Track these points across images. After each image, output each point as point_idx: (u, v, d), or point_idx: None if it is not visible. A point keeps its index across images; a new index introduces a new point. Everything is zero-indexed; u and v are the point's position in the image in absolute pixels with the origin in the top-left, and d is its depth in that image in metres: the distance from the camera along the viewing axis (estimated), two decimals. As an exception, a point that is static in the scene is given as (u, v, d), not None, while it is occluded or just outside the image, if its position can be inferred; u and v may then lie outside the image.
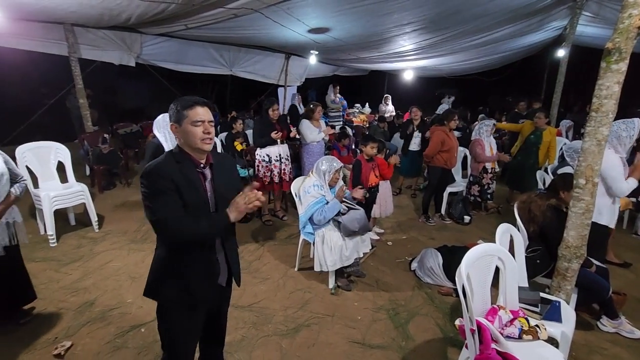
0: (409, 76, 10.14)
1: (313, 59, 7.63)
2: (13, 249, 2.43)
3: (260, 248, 3.81)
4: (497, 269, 2.10)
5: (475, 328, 1.77)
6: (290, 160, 4.44)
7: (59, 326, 2.52)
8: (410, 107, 5.62)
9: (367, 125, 8.90)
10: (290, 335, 2.51)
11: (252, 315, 2.71)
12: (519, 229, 2.60)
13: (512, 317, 2.00)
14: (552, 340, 2.00)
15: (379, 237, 4.13)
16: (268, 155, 4.16)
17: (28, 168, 3.69)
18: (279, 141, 4.16)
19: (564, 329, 2.05)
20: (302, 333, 2.54)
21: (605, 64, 2.02)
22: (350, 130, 7.20)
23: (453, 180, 4.96)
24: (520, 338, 1.92)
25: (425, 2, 4.24)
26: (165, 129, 3.12)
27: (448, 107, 8.18)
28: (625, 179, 2.68)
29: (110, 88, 9.47)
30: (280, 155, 4.22)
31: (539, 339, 1.93)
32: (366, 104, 10.76)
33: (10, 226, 2.39)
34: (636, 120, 2.72)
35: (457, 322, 2.05)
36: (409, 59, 7.92)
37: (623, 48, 1.95)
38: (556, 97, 6.03)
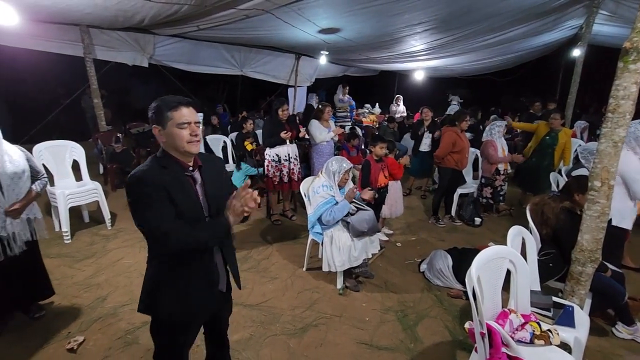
0: (419, 76, 10.05)
1: (323, 59, 7.62)
2: (33, 244, 2.50)
3: (268, 247, 3.83)
4: (509, 272, 2.07)
5: (485, 331, 1.75)
6: (300, 160, 4.46)
7: (72, 321, 2.57)
8: (421, 108, 5.59)
9: (377, 126, 8.87)
10: (297, 335, 2.52)
11: (260, 314, 2.72)
12: (531, 232, 2.56)
13: (524, 321, 1.97)
14: (565, 346, 1.96)
15: (388, 238, 4.10)
16: (277, 155, 4.18)
17: (44, 166, 3.78)
18: (288, 141, 4.18)
19: (577, 334, 2.01)
20: (310, 333, 2.54)
21: (623, 63, 1.97)
22: (359, 131, 7.18)
23: (464, 181, 4.90)
24: (531, 343, 1.89)
25: (436, 2, 4.20)
26: None
27: (459, 108, 8.09)
28: None
29: (123, 88, 9.65)
30: (289, 155, 4.24)
31: (551, 344, 1.90)
32: (376, 105, 10.71)
33: (31, 222, 2.45)
34: None
35: (467, 325, 2.02)
36: (420, 59, 7.86)
37: (642, 47, 1.90)
38: (571, 98, 5.91)
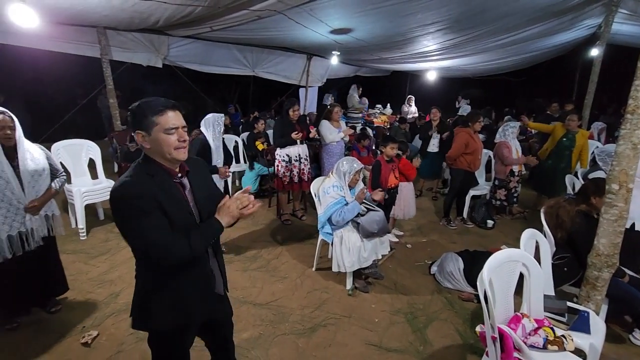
0: (432, 77, 9.95)
1: (335, 59, 7.62)
2: (50, 241, 2.57)
3: (278, 247, 3.84)
4: (522, 276, 2.03)
5: (497, 335, 1.72)
6: (310, 160, 4.47)
7: (86, 316, 2.63)
8: (431, 108, 5.55)
9: (389, 127, 8.82)
10: (306, 335, 2.52)
11: (270, 313, 2.73)
12: (545, 235, 2.51)
13: (537, 326, 1.93)
14: (580, 352, 1.91)
15: (398, 240, 4.08)
16: (288, 155, 4.20)
17: (62, 164, 3.87)
18: (298, 141, 4.20)
19: (592, 340, 1.96)
20: (319, 333, 2.55)
21: (643, 63, 1.92)
22: (370, 131, 7.16)
23: (476, 183, 4.83)
24: (544, 348, 1.84)
25: (449, 2, 4.15)
26: (213, 126, 3.23)
27: (470, 109, 7.99)
28: None
29: (137, 89, 9.83)
30: (299, 155, 4.25)
31: (565, 350, 1.85)
32: (388, 105, 10.65)
33: (49, 218, 2.52)
34: None
35: (478, 329, 2.00)
36: (432, 59, 7.78)
37: (663, 46, 1.85)
38: (589, 99, 5.76)
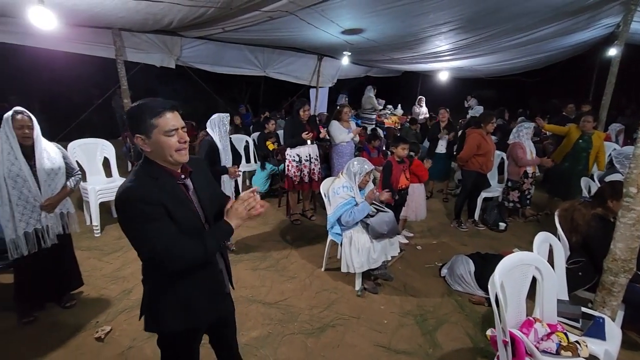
0: (444, 77, 9.84)
1: (345, 60, 7.60)
2: (65, 238, 2.64)
3: (288, 247, 3.86)
4: (534, 280, 2.00)
5: (508, 340, 1.70)
6: (320, 160, 4.47)
7: (100, 311, 2.69)
8: (439, 109, 5.50)
9: (399, 127, 8.77)
10: (315, 335, 2.52)
11: (279, 313, 2.75)
12: (559, 239, 2.46)
13: (550, 331, 1.89)
14: (594, 359, 1.87)
15: (408, 241, 4.05)
16: (298, 155, 4.22)
17: (77, 163, 3.97)
18: (309, 141, 4.21)
19: (607, 347, 1.91)
20: (327, 333, 2.55)
21: (664, 63, 1.87)
22: (381, 132, 7.13)
23: (488, 185, 4.75)
24: (557, 354, 1.81)
25: (462, 1, 4.10)
26: (219, 127, 3.27)
27: (483, 109, 7.88)
28: None
29: (151, 89, 10.00)
30: (310, 155, 4.26)
31: (578, 356, 1.81)
32: (399, 106, 10.59)
33: (64, 216, 2.59)
34: None
35: (489, 333, 1.97)
36: (444, 59, 7.69)
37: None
38: (606, 100, 5.61)
